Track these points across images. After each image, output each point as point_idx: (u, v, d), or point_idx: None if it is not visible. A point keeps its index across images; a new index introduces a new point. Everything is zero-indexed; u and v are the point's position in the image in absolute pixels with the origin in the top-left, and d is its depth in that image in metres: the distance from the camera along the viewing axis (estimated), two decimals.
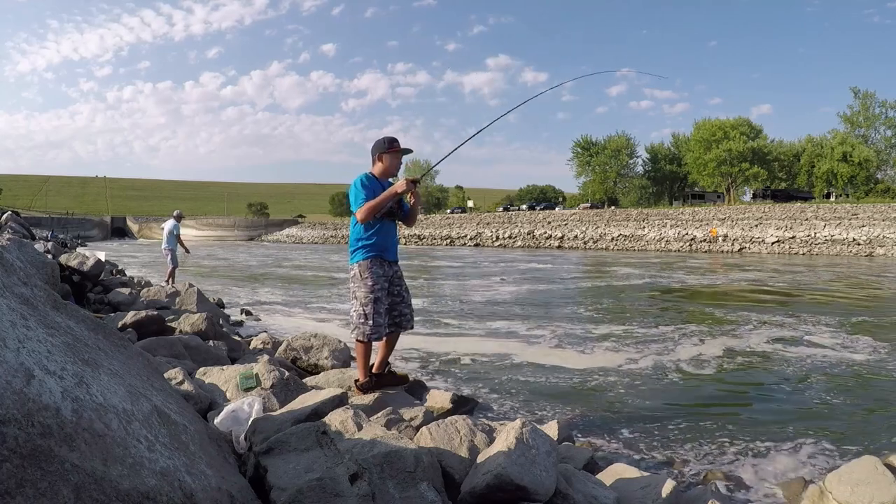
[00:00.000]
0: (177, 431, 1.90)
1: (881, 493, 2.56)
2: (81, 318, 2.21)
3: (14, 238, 8.15)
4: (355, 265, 3.91)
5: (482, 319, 9.14)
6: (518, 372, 5.70)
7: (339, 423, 2.56)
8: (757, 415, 4.42)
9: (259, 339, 5.97)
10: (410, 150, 4.07)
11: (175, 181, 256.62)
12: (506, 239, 50.27)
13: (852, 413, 4.42)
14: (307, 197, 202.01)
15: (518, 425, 2.51)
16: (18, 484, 1.21)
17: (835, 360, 6.21)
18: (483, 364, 6.05)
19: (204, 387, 3.58)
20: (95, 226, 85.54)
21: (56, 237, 36.44)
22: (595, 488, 2.49)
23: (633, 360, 6.18)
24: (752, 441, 3.83)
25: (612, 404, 4.67)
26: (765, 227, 39.79)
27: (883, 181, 58.66)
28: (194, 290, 8.01)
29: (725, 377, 5.57)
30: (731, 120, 64.08)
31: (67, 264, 8.00)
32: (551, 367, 5.88)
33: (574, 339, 7.41)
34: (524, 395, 4.92)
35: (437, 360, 6.22)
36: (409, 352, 6.48)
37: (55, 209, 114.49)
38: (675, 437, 3.93)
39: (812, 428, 4.09)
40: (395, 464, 2.17)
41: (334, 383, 4.19)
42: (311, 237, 64.96)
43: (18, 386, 1.33)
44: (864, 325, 8.43)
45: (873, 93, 59.01)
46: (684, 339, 7.36)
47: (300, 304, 11.32)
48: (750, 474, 3.33)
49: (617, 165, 74.13)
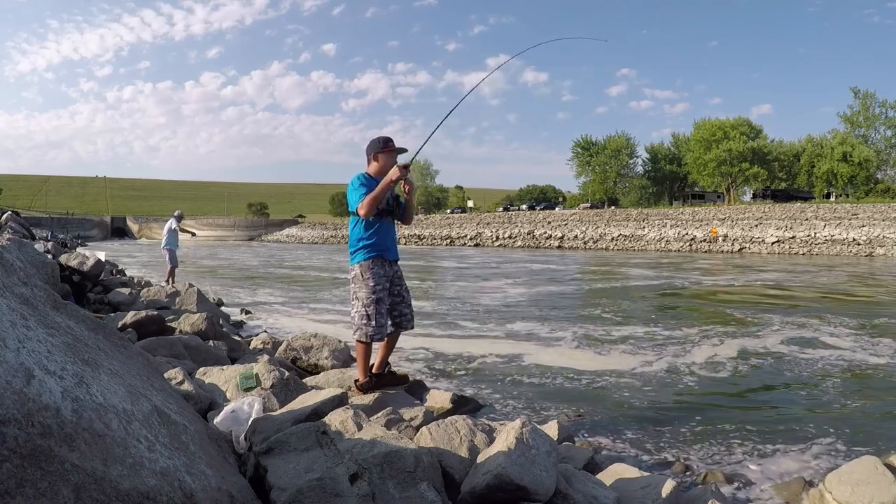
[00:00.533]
0: (177, 431, 1.90)
1: (881, 493, 2.56)
2: (81, 318, 2.21)
3: (14, 238, 8.15)
4: (356, 265, 3.90)
5: (497, 321, 9.04)
6: (523, 373, 5.69)
7: (339, 423, 2.56)
8: (759, 415, 4.42)
9: (259, 339, 5.97)
10: (405, 149, 4.07)
11: (175, 181, 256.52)
12: (506, 239, 50.26)
13: (855, 414, 4.41)
14: (307, 197, 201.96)
15: (518, 425, 2.51)
16: (18, 484, 1.21)
17: (850, 361, 6.15)
18: (488, 364, 6.04)
19: (204, 387, 3.59)
20: (95, 226, 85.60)
21: (56, 237, 36.42)
22: (595, 488, 2.49)
23: (647, 363, 6.12)
24: (752, 441, 3.83)
25: (614, 404, 4.67)
26: (765, 227, 39.79)
27: (883, 181, 58.71)
28: (194, 290, 8.01)
29: (735, 379, 5.53)
30: (730, 120, 64.12)
31: (67, 264, 8.00)
32: (559, 369, 5.86)
33: (589, 341, 7.36)
34: (527, 395, 4.92)
35: (446, 361, 6.20)
36: (418, 351, 6.48)
37: (55, 209, 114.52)
38: (675, 437, 3.93)
39: (813, 428, 4.08)
40: (395, 464, 2.17)
41: (334, 383, 4.19)
42: (311, 237, 65.00)
43: (18, 386, 1.33)
44: (886, 327, 8.29)
45: (873, 93, 59.16)
46: (702, 341, 7.26)
47: (300, 304, 11.33)
48: (750, 474, 3.33)
49: (617, 165, 74.17)
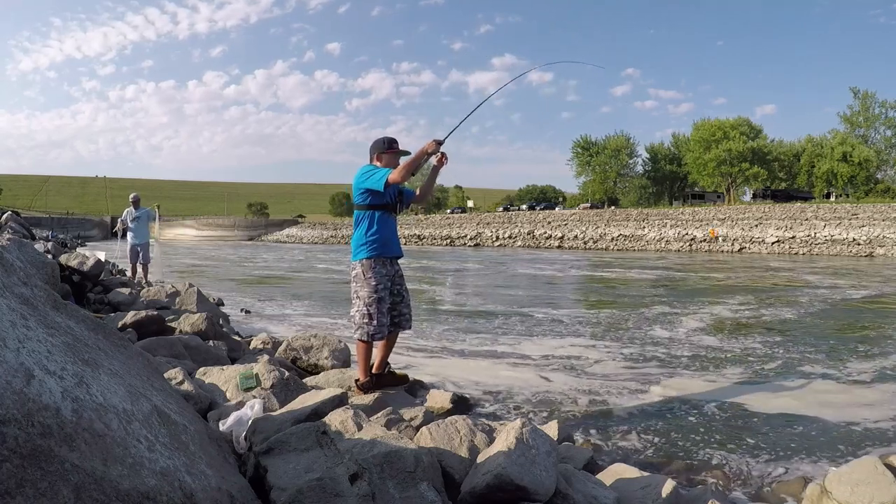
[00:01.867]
0: (177, 431, 1.90)
1: (881, 493, 2.56)
2: (81, 318, 2.21)
3: (14, 238, 8.14)
4: (358, 263, 3.89)
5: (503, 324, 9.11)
6: (526, 372, 5.69)
7: (339, 423, 2.56)
8: (759, 415, 4.40)
9: (259, 339, 5.97)
10: (409, 152, 4.06)
11: (175, 181, 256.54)
12: (506, 239, 50.26)
13: (856, 414, 4.40)
14: (307, 197, 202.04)
15: (518, 425, 2.51)
16: (18, 484, 1.21)
17: (851, 361, 6.11)
18: (488, 364, 6.04)
19: (204, 387, 3.59)
20: (95, 226, 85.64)
21: (56, 237, 36.39)
22: (595, 488, 2.49)
23: (647, 363, 6.12)
24: (752, 441, 3.83)
25: (614, 404, 4.67)
26: (765, 227, 39.81)
27: (883, 181, 58.75)
28: (194, 290, 8.00)
29: (735, 379, 5.50)
30: (730, 120, 64.14)
31: (67, 264, 7.99)
32: (559, 368, 5.86)
33: (589, 341, 7.36)
34: (527, 395, 4.91)
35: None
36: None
37: (55, 209, 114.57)
38: (675, 437, 3.92)
39: (813, 428, 4.09)
40: (395, 464, 2.17)
41: (334, 383, 4.19)
42: (310, 237, 65.02)
43: (18, 386, 1.33)
44: (889, 327, 8.19)
45: (873, 93, 59.19)
46: (702, 341, 7.22)
47: (301, 304, 11.33)
48: (750, 474, 3.33)
49: (617, 165, 74.18)
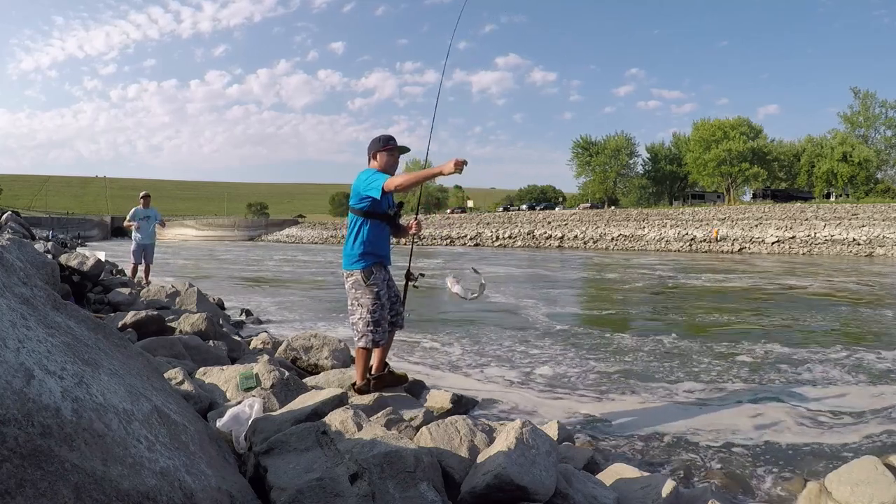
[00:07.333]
0: (177, 431, 1.90)
1: (881, 493, 2.56)
2: (81, 318, 2.20)
3: (14, 238, 8.14)
4: (357, 272, 3.80)
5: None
6: (528, 372, 5.69)
7: (339, 423, 2.56)
8: (758, 415, 4.40)
9: (259, 339, 5.97)
10: (408, 148, 3.99)
11: (176, 181, 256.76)
12: (506, 239, 50.27)
13: (856, 414, 4.40)
14: (307, 197, 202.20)
15: (518, 425, 2.51)
16: (18, 484, 1.21)
17: (851, 361, 6.11)
18: (488, 364, 6.05)
19: (204, 387, 3.58)
20: (95, 226, 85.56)
21: (56, 237, 36.39)
22: (595, 488, 2.49)
23: (646, 362, 6.11)
24: (752, 441, 3.83)
25: (614, 404, 4.66)
26: (765, 227, 39.84)
27: (883, 181, 58.79)
28: (194, 290, 8.00)
29: (735, 378, 5.48)
30: (730, 120, 64.18)
31: (67, 264, 7.99)
32: (558, 368, 5.85)
33: (589, 341, 7.35)
34: (527, 395, 4.91)
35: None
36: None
37: (55, 209, 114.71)
38: (676, 437, 3.92)
39: (813, 428, 4.08)
40: (395, 464, 2.17)
41: (334, 383, 4.19)
42: (310, 237, 65.05)
43: (18, 386, 1.33)
44: (891, 328, 8.15)
45: (873, 93, 59.24)
46: (701, 340, 7.18)
47: (301, 304, 11.32)
48: (750, 474, 3.32)
49: (617, 165, 74.21)
